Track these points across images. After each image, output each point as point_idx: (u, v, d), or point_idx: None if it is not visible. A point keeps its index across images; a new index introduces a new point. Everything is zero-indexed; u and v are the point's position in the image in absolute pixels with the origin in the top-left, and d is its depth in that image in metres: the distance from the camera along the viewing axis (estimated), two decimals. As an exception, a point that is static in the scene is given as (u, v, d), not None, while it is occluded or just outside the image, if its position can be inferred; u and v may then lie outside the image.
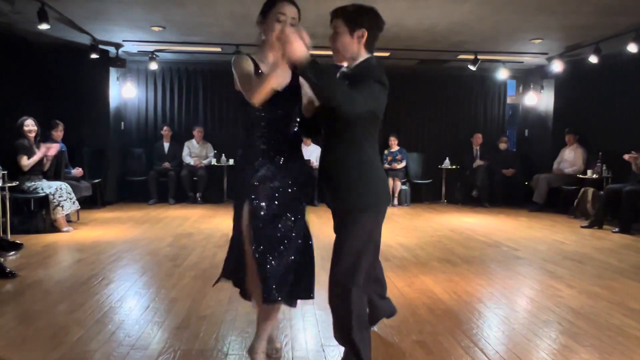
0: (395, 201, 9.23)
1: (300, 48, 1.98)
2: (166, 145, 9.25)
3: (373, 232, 2.31)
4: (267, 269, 2.21)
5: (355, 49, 2.29)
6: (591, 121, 8.49)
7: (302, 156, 2.46)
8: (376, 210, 2.28)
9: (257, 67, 2.32)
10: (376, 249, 2.45)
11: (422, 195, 9.88)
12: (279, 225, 2.28)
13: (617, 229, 6.64)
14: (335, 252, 2.31)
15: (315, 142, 8.86)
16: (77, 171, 7.09)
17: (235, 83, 2.32)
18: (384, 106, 2.27)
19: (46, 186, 6.07)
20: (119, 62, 8.28)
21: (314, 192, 2.58)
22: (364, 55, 2.31)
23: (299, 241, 2.34)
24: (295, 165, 2.37)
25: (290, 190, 2.32)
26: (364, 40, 2.28)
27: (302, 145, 2.69)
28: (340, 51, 2.32)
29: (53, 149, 6.18)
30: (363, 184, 2.24)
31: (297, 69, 2.07)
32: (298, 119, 2.39)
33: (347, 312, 2.25)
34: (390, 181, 9.08)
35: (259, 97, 2.11)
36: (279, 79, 2.18)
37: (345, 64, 2.37)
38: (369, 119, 2.21)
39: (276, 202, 2.27)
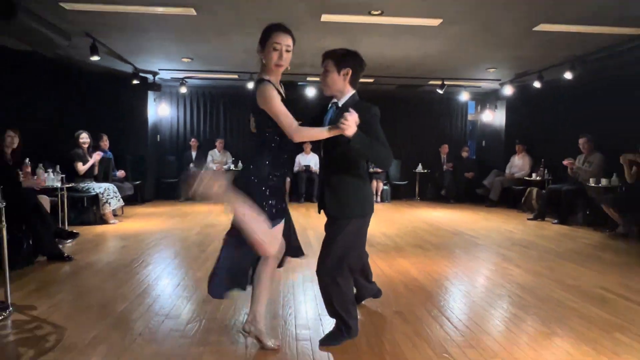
0: (378, 199, 9.23)
1: (353, 129, 2.04)
2: (193, 153, 9.23)
3: (360, 233, 2.41)
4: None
5: (342, 85, 2.32)
6: (535, 134, 8.51)
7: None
8: (364, 216, 2.38)
9: (279, 92, 2.21)
10: (363, 245, 2.52)
11: (400, 193, 9.88)
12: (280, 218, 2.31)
13: (556, 221, 6.65)
14: (326, 246, 2.36)
15: (314, 151, 8.87)
16: (121, 173, 7.06)
17: (268, 109, 2.12)
18: None
19: (96, 187, 6.07)
20: (156, 87, 8.28)
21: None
22: (350, 91, 2.34)
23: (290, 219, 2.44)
24: (285, 176, 2.34)
25: (281, 192, 2.32)
26: (348, 77, 2.31)
27: (303, 154, 2.71)
28: (330, 86, 2.34)
29: (97, 156, 6.17)
30: (357, 196, 2.33)
31: (350, 141, 2.07)
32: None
33: (336, 295, 2.34)
34: (374, 182, 9.09)
35: (301, 139, 2.14)
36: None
37: (331, 96, 2.40)
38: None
39: (276, 202, 2.24)
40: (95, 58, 5.74)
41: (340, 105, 2.34)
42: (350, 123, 2.03)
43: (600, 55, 5.97)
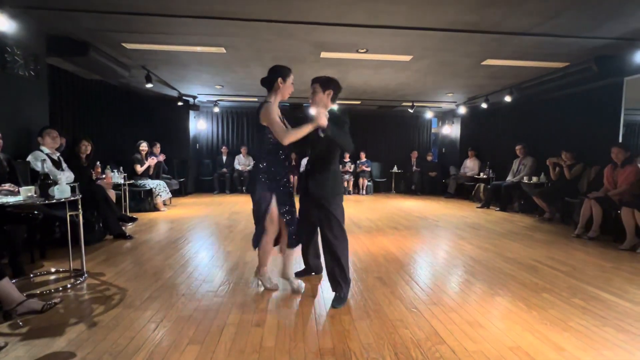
0: (364, 192, 9.19)
1: (324, 120, 2.20)
2: (224, 157, 9.19)
3: (342, 206, 2.43)
4: (290, 229, 2.48)
5: (326, 101, 2.45)
6: (483, 142, 8.47)
7: (288, 168, 2.48)
8: (341, 195, 2.44)
9: (280, 111, 2.37)
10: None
11: (380, 188, 9.84)
12: (287, 206, 2.48)
13: (498, 209, 6.63)
14: (326, 219, 2.38)
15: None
16: (161, 156, 6.72)
17: (268, 121, 2.30)
18: None
19: (150, 183, 6.04)
20: (195, 107, 8.24)
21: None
22: (330, 106, 2.46)
23: (295, 213, 2.54)
24: (286, 174, 2.47)
25: (285, 187, 2.47)
26: (330, 96, 2.45)
27: (306, 157, 2.85)
28: (317, 102, 2.46)
29: (151, 160, 6.14)
30: (335, 182, 2.41)
31: (324, 131, 2.23)
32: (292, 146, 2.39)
33: (341, 251, 2.38)
34: (361, 180, 9.07)
35: (290, 140, 2.26)
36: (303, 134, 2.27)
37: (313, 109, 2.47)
38: (338, 147, 2.38)
39: (283, 194, 2.45)
40: (149, 85, 5.71)
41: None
42: (320, 115, 2.19)
43: (531, 83, 5.94)
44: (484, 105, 7.26)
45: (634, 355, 1.83)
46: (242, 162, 9.25)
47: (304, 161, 9.13)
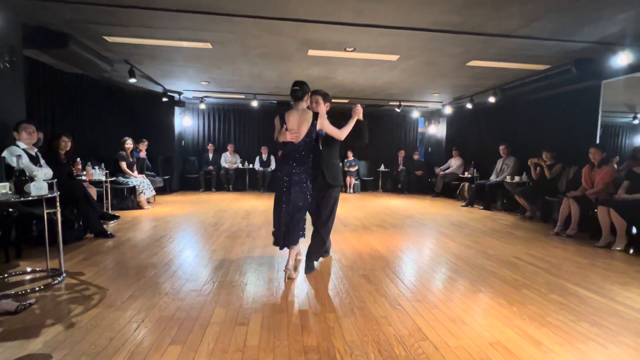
0: (351, 190, 9.22)
1: (361, 114, 2.97)
2: (210, 155, 9.07)
3: (339, 195, 3.02)
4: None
5: (324, 111, 2.98)
6: (467, 142, 8.62)
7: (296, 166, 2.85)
8: (341, 185, 3.00)
9: (283, 122, 2.89)
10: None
11: (367, 186, 9.90)
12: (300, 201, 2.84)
13: (482, 207, 6.75)
14: (325, 203, 2.94)
15: (272, 154, 8.81)
16: (142, 153, 6.59)
17: (331, 128, 2.93)
18: None
19: (134, 180, 5.91)
20: (180, 103, 8.10)
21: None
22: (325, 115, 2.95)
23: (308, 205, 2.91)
24: (297, 169, 2.85)
25: (295, 180, 2.84)
26: (328, 106, 3.04)
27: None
28: (320, 110, 2.95)
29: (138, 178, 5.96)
30: (337, 173, 3.00)
31: (361, 122, 2.99)
32: (301, 151, 2.84)
33: (327, 233, 2.99)
34: (348, 179, 9.10)
35: (345, 135, 2.94)
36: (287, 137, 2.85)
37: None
38: (340, 144, 3.00)
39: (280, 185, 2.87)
40: (132, 80, 5.58)
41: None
42: (360, 109, 2.99)
43: (514, 85, 6.07)
44: (469, 106, 7.38)
45: (607, 349, 1.90)
46: (229, 160, 9.16)
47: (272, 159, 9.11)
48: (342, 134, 2.93)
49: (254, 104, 7.90)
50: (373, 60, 5.05)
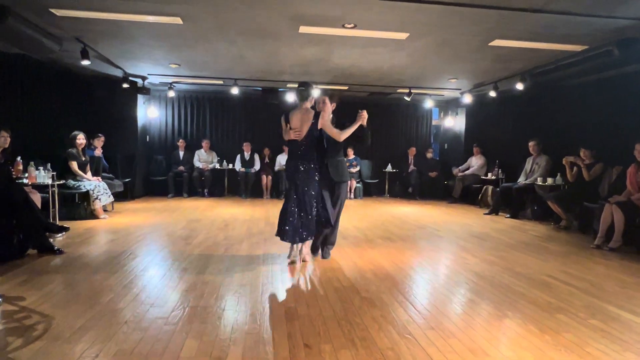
0: (352, 195, 9.25)
1: (365, 120, 3.71)
2: (181, 153, 9.05)
3: (346, 189, 3.95)
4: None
5: (330, 110, 3.75)
6: (491, 137, 8.68)
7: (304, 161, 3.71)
8: (347, 181, 3.89)
9: (287, 121, 3.75)
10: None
11: (371, 191, 9.93)
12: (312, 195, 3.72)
13: (508, 215, 6.81)
14: (334, 203, 3.79)
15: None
16: (98, 151, 6.61)
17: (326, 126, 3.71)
18: None
19: (87, 184, 5.87)
20: (145, 90, 8.07)
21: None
22: (331, 113, 3.78)
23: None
24: (303, 166, 3.71)
25: (302, 177, 3.69)
26: (334, 106, 3.82)
27: (283, 154, 4.92)
28: (326, 110, 3.71)
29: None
30: (343, 169, 3.85)
31: (364, 128, 3.74)
32: (304, 149, 3.71)
33: (338, 221, 3.90)
34: (349, 182, 9.11)
35: (344, 137, 3.67)
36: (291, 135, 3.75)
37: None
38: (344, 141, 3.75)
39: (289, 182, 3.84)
40: (85, 62, 5.55)
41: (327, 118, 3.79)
42: (365, 115, 3.71)
43: (546, 69, 6.14)
44: (493, 94, 7.44)
45: (657, 384, 1.92)
46: (204, 159, 9.14)
47: (280, 158, 9.16)
48: (341, 136, 3.67)
49: (235, 91, 7.90)
50: (377, 39, 5.08)
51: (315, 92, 3.88)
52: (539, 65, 6.15)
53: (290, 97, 8.50)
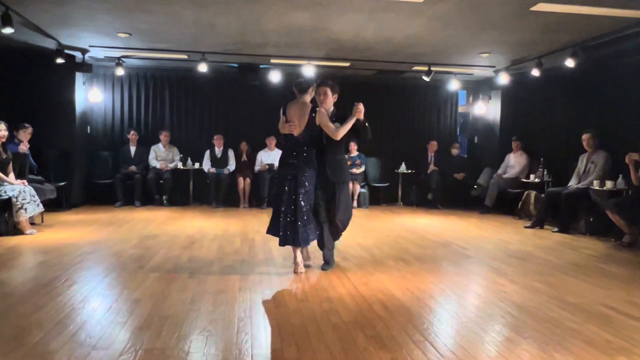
0: (355, 203, 9.24)
1: (362, 114, 4.19)
2: (132, 149, 9.04)
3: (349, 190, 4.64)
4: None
5: (332, 102, 4.34)
6: (533, 129, 8.75)
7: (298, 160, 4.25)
8: (348, 181, 4.53)
9: (284, 112, 4.30)
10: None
11: (380, 197, 9.97)
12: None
13: (556, 229, 6.84)
14: (337, 203, 4.30)
15: (279, 148, 8.83)
16: (23, 146, 6.66)
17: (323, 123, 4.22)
18: None
19: (9, 189, 5.83)
20: (85, 67, 8.05)
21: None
22: (332, 105, 4.36)
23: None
24: (300, 164, 4.22)
25: (299, 175, 4.21)
26: (336, 97, 4.36)
27: (266, 150, 6.85)
28: (328, 104, 4.29)
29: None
30: (343, 169, 4.40)
31: (360, 122, 4.22)
32: (301, 145, 4.23)
33: (344, 226, 4.52)
34: (350, 184, 9.08)
35: (341, 136, 4.20)
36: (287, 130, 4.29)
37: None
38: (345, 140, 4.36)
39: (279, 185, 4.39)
40: (7, 30, 5.51)
41: (329, 113, 4.31)
42: (361, 108, 4.16)
43: (605, 41, 6.19)
44: (536, 73, 7.50)
45: None
46: (162, 156, 9.13)
47: (262, 156, 9.16)
48: (337, 134, 4.13)
49: (203, 68, 7.90)
50: (387, 1, 5.11)
51: (309, 70, 4.24)
52: (595, 36, 6.21)
53: (275, 77, 8.52)
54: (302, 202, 4.14)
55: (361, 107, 4.15)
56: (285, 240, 4.18)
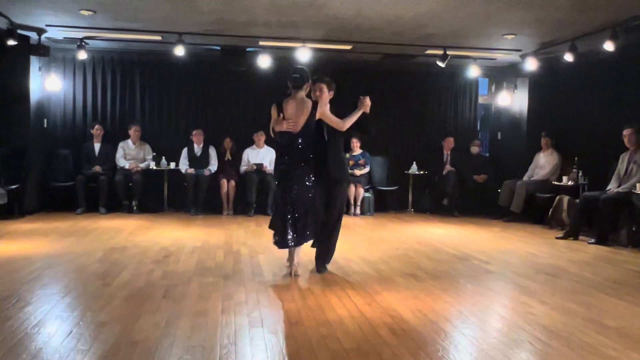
0: (358, 210, 9.27)
1: (368, 108, 4.82)
2: (97, 146, 9.03)
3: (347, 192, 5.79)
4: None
5: (327, 99, 4.83)
6: (566, 123, 8.76)
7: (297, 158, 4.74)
8: (348, 180, 5.25)
9: (280, 111, 4.67)
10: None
11: (387, 203, 9.98)
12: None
13: (593, 240, 6.84)
14: (333, 201, 4.88)
15: (270, 145, 8.84)
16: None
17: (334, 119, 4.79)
18: None
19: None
20: (42, 50, 8.03)
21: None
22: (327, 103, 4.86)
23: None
24: (297, 162, 4.72)
25: (297, 174, 4.72)
26: (332, 94, 4.90)
27: (253, 147, 8.04)
28: (325, 100, 4.78)
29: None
30: (344, 167, 5.11)
31: (366, 116, 4.85)
32: (299, 143, 4.69)
33: (338, 228, 5.04)
34: (352, 188, 9.13)
35: (347, 127, 4.76)
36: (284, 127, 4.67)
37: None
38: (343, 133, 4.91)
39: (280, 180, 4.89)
40: (-50, 7, 5.51)
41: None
42: (368, 102, 4.82)
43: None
44: (569, 58, 7.50)
45: None
46: (132, 154, 9.12)
47: (249, 154, 9.17)
48: (344, 124, 4.70)
49: (180, 52, 7.90)
50: (396, -26, 5.12)
51: (304, 54, 4.29)
52: (638, 15, 6.21)
53: (264, 62, 8.53)
54: (299, 199, 4.65)
55: (368, 101, 4.78)
56: (284, 242, 4.67)
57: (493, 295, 4.45)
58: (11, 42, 7.31)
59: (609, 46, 6.67)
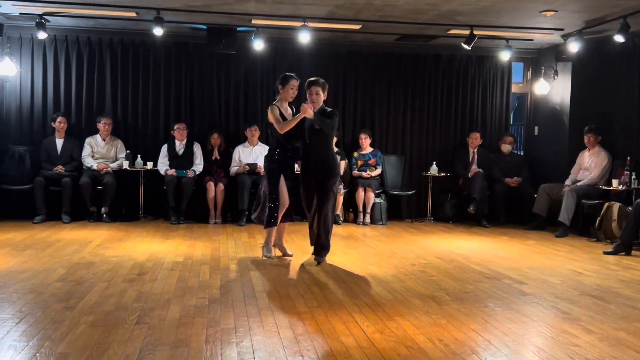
0: (368, 218, 9.27)
1: (310, 113, 5.82)
2: (59, 142, 9.05)
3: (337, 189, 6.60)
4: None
5: (322, 100, 6.05)
6: (616, 117, 8.75)
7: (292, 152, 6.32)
8: (337, 177, 6.20)
9: (280, 112, 6.09)
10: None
11: (402, 211, 10.00)
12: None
13: (648, 256, 6.85)
14: (324, 198, 6.02)
15: (264, 143, 8.85)
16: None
17: (271, 120, 6.11)
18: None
19: None
20: (-6, 29, 8.07)
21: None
22: (322, 104, 6.13)
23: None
24: (289, 155, 6.30)
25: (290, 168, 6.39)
26: (325, 96, 6.10)
27: (246, 144, 8.78)
28: (320, 103, 6.02)
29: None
30: (334, 165, 6.17)
31: (312, 118, 5.90)
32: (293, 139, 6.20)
33: (331, 223, 6.28)
34: (361, 191, 9.13)
35: (285, 129, 5.99)
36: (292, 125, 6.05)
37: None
38: (332, 134, 6.25)
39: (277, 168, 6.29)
40: None
41: (316, 111, 5.95)
42: (307, 108, 5.84)
43: None
44: (619, 39, 7.49)
45: None
46: (101, 152, 9.16)
47: (241, 152, 9.18)
48: (279, 129, 6.01)
49: (158, 32, 7.91)
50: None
51: (305, 36, 4.25)
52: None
53: (258, 44, 8.53)
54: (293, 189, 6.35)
55: (309, 110, 5.84)
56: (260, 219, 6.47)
57: (528, 322, 4.42)
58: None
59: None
